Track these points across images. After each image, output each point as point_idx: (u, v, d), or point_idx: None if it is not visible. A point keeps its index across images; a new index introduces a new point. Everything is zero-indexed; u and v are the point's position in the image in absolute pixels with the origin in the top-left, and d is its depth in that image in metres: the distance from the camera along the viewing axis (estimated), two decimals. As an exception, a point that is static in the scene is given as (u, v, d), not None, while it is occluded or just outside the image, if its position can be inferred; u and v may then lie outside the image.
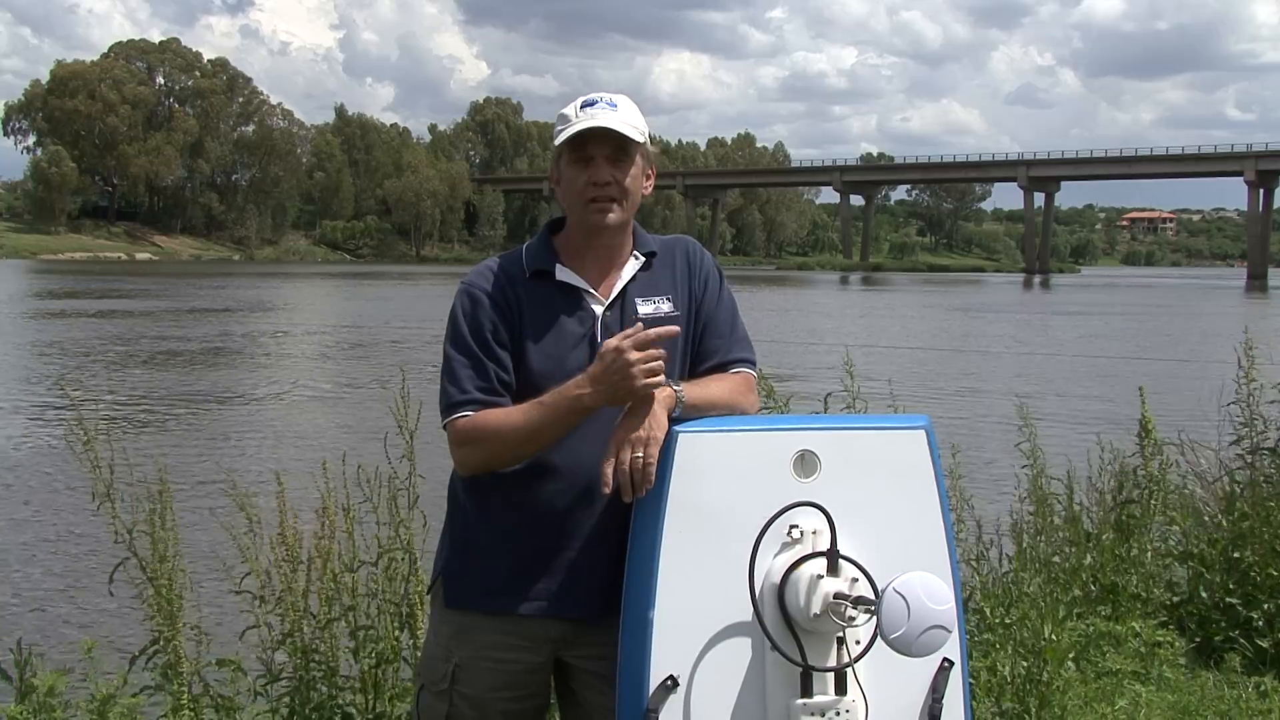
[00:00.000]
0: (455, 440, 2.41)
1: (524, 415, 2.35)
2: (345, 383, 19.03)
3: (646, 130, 2.48)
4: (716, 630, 2.21)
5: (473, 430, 2.38)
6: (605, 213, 2.42)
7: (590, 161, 2.41)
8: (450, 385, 2.41)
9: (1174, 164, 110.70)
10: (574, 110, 2.44)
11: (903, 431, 2.34)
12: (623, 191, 2.43)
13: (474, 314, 2.43)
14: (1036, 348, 28.33)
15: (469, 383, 2.40)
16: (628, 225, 2.50)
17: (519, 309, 2.44)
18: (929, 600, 2.02)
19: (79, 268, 76.62)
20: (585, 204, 2.43)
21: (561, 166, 2.46)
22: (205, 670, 3.53)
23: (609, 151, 2.41)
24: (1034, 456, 5.01)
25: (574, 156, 2.43)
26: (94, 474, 3.39)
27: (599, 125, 2.39)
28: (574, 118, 2.42)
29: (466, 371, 2.41)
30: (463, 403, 2.39)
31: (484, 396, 2.39)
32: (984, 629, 4.23)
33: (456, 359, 2.42)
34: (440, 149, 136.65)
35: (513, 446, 2.36)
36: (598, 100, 2.44)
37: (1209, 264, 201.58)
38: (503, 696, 2.44)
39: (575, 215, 2.47)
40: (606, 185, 2.41)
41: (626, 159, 2.43)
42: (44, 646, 5.75)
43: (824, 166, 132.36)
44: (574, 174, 2.43)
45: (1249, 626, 4.89)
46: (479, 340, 2.41)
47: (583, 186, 2.42)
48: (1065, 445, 5.14)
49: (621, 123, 2.40)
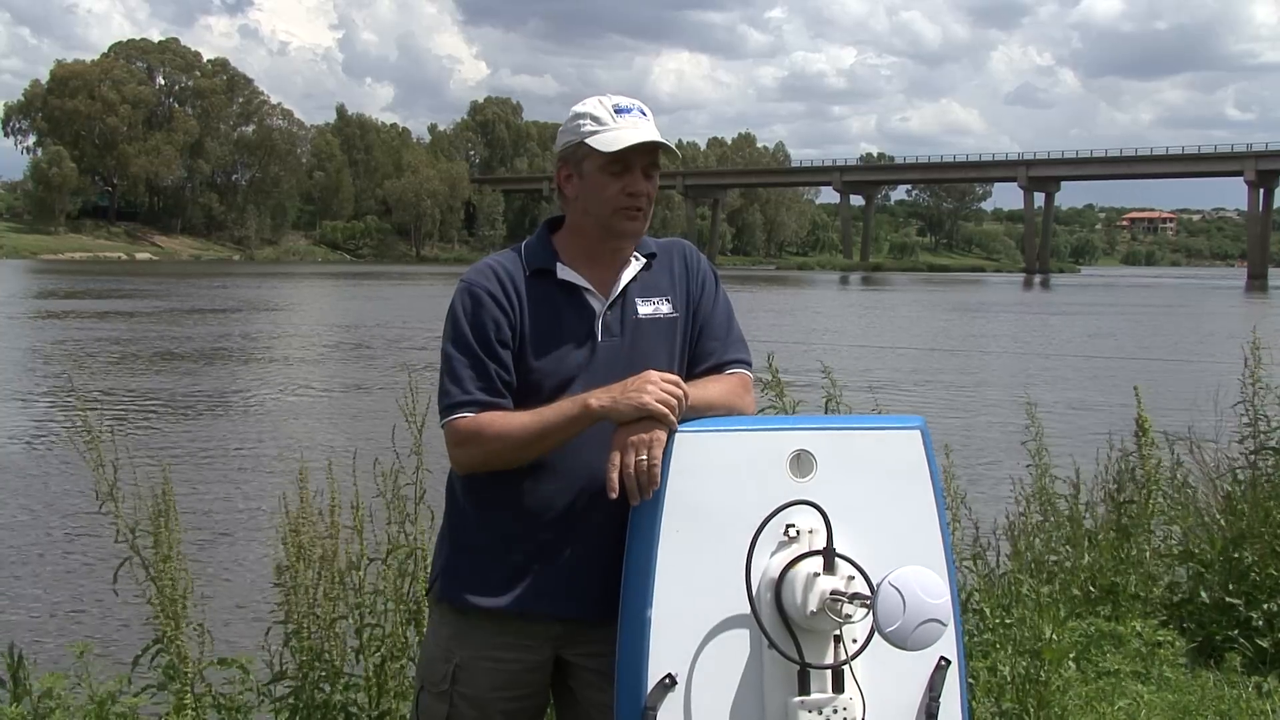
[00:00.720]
0: (455, 440, 2.41)
1: (528, 420, 2.34)
2: (346, 383, 19.04)
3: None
4: (714, 628, 2.22)
5: (475, 431, 2.37)
6: (634, 221, 2.43)
7: (630, 170, 2.41)
8: (451, 384, 2.40)
9: (1174, 164, 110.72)
10: (608, 114, 2.41)
11: (898, 432, 2.35)
12: (650, 202, 2.46)
13: (475, 312, 2.42)
14: (1037, 347, 28.34)
15: (470, 383, 2.39)
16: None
17: (520, 307, 2.43)
18: (924, 594, 2.03)
19: (79, 268, 76.66)
20: (615, 211, 2.42)
21: (588, 168, 2.43)
22: (207, 670, 3.54)
23: (646, 163, 2.42)
24: (1039, 456, 5.00)
25: (610, 161, 2.39)
26: (97, 473, 3.39)
27: (649, 139, 2.39)
28: (610, 122, 2.40)
29: (468, 371, 2.40)
30: (464, 403, 2.38)
31: (486, 397, 2.38)
32: (984, 629, 4.23)
33: (457, 358, 2.41)
34: (440, 149, 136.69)
35: (514, 449, 2.36)
36: (631, 108, 2.43)
37: (1209, 264, 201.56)
38: (503, 696, 2.44)
39: (600, 220, 2.44)
40: (643, 197, 2.43)
41: (657, 171, 2.45)
42: (46, 647, 5.77)
43: (824, 166, 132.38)
44: (606, 180, 2.41)
45: (1249, 626, 4.89)
46: (480, 339, 2.40)
47: (616, 194, 2.41)
48: (1065, 445, 5.14)
49: (659, 134, 2.41)
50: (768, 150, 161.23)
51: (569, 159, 2.45)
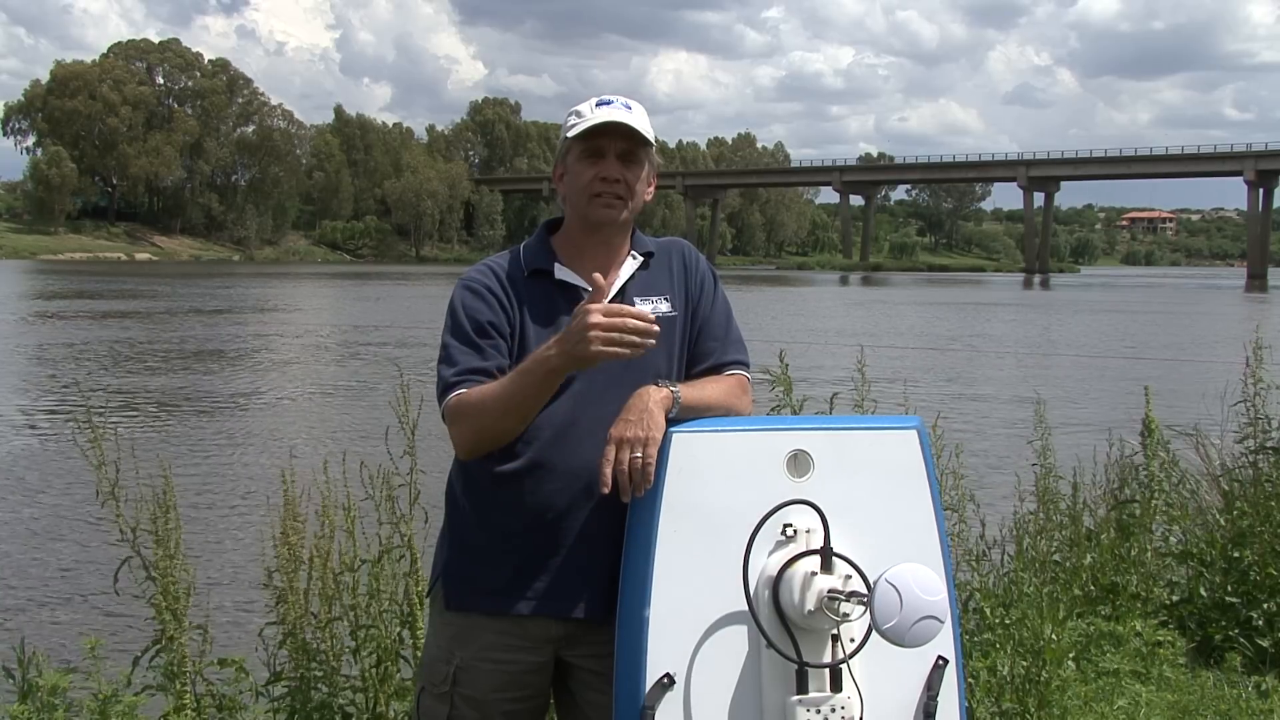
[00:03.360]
0: (449, 420, 2.42)
1: (501, 385, 2.35)
2: (346, 383, 19.03)
3: (654, 137, 2.50)
4: (712, 628, 2.22)
5: (460, 406, 2.38)
6: (609, 208, 2.43)
7: (602, 157, 2.43)
8: (445, 369, 2.42)
9: (1174, 164, 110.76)
10: (589, 107, 2.45)
11: (895, 432, 2.35)
12: (629, 191, 2.45)
13: (473, 306, 2.44)
14: (1036, 347, 28.34)
15: (463, 366, 2.40)
16: (628, 226, 2.51)
17: (518, 306, 2.44)
18: (921, 591, 2.03)
19: (78, 268, 76.66)
20: (591, 198, 2.44)
21: (569, 161, 2.47)
22: (207, 670, 3.54)
23: (621, 149, 2.43)
24: (1044, 455, 5.00)
25: (585, 150, 2.43)
26: (98, 472, 3.39)
27: (616, 120, 2.40)
28: (589, 114, 2.43)
29: (462, 356, 2.41)
30: (455, 383, 2.39)
31: (476, 378, 2.39)
32: (984, 629, 4.23)
33: (454, 345, 2.43)
34: (438, 149, 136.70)
35: (496, 417, 2.35)
36: (613, 100, 2.46)
37: (1209, 264, 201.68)
38: (504, 697, 2.44)
39: (578, 209, 2.47)
40: (615, 182, 2.43)
41: (636, 160, 2.45)
42: (48, 645, 5.76)
43: (824, 166, 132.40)
44: (582, 168, 2.44)
45: (1249, 626, 4.89)
46: (477, 329, 2.42)
47: (590, 180, 2.43)
48: (1065, 444, 5.12)
49: (637, 122, 2.42)
50: (767, 150, 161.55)
51: (560, 158, 2.50)
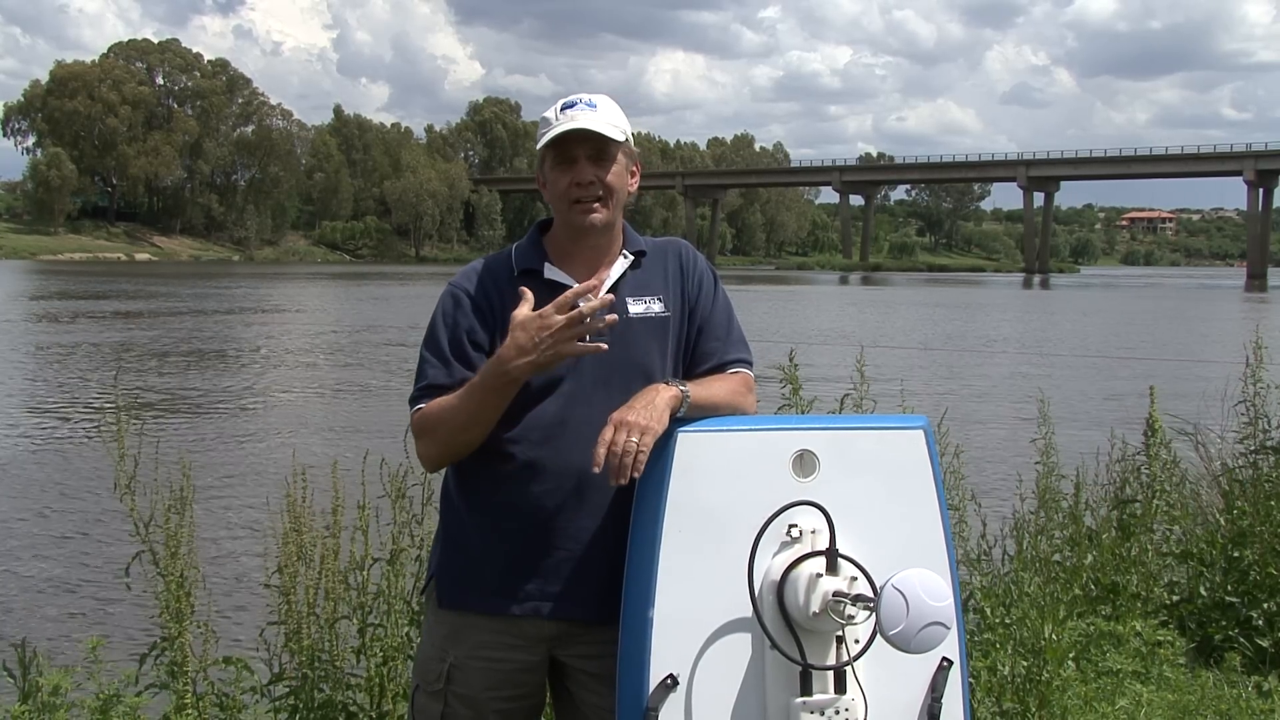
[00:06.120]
0: (415, 435, 2.45)
1: (459, 397, 2.36)
2: (349, 383, 19.01)
3: (629, 129, 2.48)
4: (716, 629, 2.21)
5: (423, 421, 2.40)
6: (589, 213, 2.43)
7: (573, 163, 2.42)
8: (415, 384, 2.45)
9: (1173, 164, 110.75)
10: (554, 113, 2.44)
11: (901, 432, 2.34)
12: (607, 190, 2.44)
13: (453, 316, 2.46)
14: (1037, 347, 28.33)
15: (429, 380, 2.43)
16: (615, 225, 2.50)
17: (501, 311, 2.43)
18: (927, 597, 2.03)
19: (78, 268, 76.60)
20: (569, 205, 2.44)
21: (545, 170, 2.48)
22: (211, 669, 3.54)
23: (590, 152, 2.42)
24: (1047, 454, 5.00)
25: (556, 159, 2.44)
26: (118, 464, 3.40)
27: (577, 127, 2.40)
28: (554, 120, 2.43)
29: (432, 370, 2.43)
30: (416, 398, 2.43)
31: (441, 394, 2.40)
32: (984, 629, 4.23)
33: (427, 359, 2.46)
34: (436, 149, 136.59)
35: (457, 431, 2.37)
36: (577, 102, 2.45)
37: (1209, 264, 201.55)
38: (498, 696, 2.44)
39: (561, 217, 2.48)
40: (590, 185, 2.42)
41: (608, 158, 2.44)
42: (52, 643, 5.76)
43: (823, 166, 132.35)
44: (557, 176, 2.44)
45: (1249, 626, 4.89)
46: (452, 341, 2.44)
47: (566, 188, 2.43)
48: (1064, 444, 5.12)
49: (601, 122, 2.41)
50: (767, 150, 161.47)
51: (538, 167, 2.51)
